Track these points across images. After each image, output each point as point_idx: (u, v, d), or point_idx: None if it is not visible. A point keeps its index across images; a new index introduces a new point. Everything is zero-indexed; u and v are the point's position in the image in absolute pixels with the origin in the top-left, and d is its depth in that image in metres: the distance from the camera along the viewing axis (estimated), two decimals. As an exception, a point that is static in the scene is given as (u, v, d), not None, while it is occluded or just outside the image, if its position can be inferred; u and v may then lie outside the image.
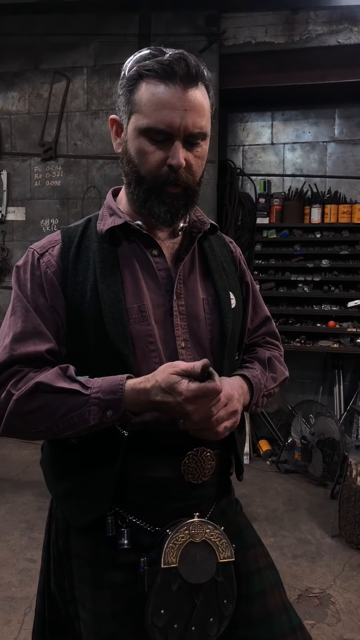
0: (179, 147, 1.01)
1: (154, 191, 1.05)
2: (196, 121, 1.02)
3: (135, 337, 1.05)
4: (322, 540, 3.07)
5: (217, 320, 1.13)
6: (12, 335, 1.06)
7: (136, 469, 1.06)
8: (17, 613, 2.40)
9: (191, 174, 1.05)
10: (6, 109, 4.70)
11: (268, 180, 4.66)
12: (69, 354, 1.10)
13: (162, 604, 1.02)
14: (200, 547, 1.06)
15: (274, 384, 1.26)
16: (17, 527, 3.15)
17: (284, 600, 1.18)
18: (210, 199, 4.33)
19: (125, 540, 1.06)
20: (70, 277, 1.09)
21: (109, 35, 4.35)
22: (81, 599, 1.11)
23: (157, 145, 1.02)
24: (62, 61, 4.54)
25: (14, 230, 4.75)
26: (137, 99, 1.02)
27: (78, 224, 1.18)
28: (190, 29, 4.24)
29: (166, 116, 0.99)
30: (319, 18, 4.16)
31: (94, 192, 4.51)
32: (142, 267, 1.10)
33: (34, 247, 1.13)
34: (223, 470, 1.18)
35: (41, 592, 1.22)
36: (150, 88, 1.00)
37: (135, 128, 1.03)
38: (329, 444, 3.85)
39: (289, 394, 4.50)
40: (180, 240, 1.16)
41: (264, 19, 4.23)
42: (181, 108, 1.00)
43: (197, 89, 1.02)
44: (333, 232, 4.34)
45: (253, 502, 3.48)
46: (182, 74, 0.99)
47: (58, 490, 1.15)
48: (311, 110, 4.64)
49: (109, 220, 1.12)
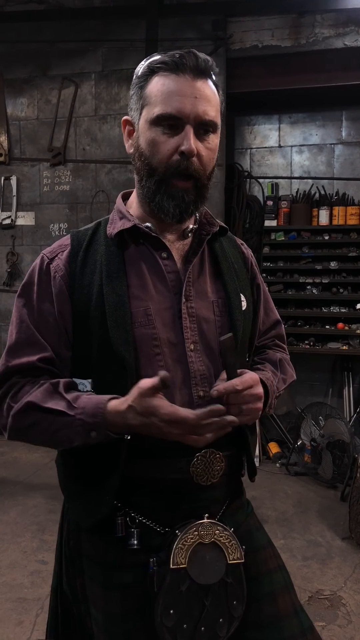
0: (190, 132, 1.02)
1: (164, 183, 1.05)
2: (207, 109, 1.02)
3: (140, 341, 1.05)
4: (333, 542, 3.06)
5: (228, 323, 1.13)
6: (7, 347, 1.11)
7: (145, 470, 1.07)
8: (29, 614, 2.43)
9: (202, 165, 1.05)
10: (15, 115, 4.75)
11: (276, 182, 4.66)
12: (74, 357, 1.11)
13: (171, 604, 1.02)
14: (210, 548, 1.06)
15: (284, 386, 1.28)
16: (29, 529, 3.18)
17: (294, 603, 1.18)
18: (218, 202, 4.34)
19: (135, 540, 1.06)
20: (77, 280, 1.10)
21: (117, 41, 4.38)
22: (92, 598, 1.12)
23: (169, 134, 1.03)
24: (70, 67, 4.58)
25: (23, 235, 4.79)
26: (148, 92, 1.05)
27: (88, 227, 1.19)
28: (197, 34, 4.27)
29: (177, 102, 1.01)
30: (325, 21, 4.17)
31: (103, 197, 4.54)
32: (150, 270, 1.11)
33: (44, 252, 1.16)
34: (233, 472, 1.17)
35: (54, 590, 1.24)
36: (161, 80, 1.03)
37: (146, 120, 1.05)
38: (338, 446, 3.84)
39: (298, 396, 4.49)
40: (190, 242, 1.16)
41: (270, 23, 4.24)
42: (192, 95, 1.01)
43: (206, 81, 1.04)
44: (341, 234, 4.34)
45: (263, 505, 3.48)
46: (192, 65, 1.02)
47: (66, 490, 1.18)
48: (318, 112, 4.64)
49: (118, 224, 1.12)
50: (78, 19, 4.48)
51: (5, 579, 2.69)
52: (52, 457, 1.23)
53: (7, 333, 1.32)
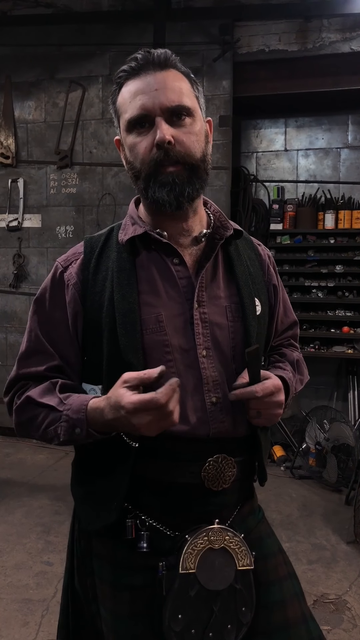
0: (161, 123, 1.03)
1: (151, 176, 1.05)
2: (170, 97, 1.03)
3: (151, 348, 1.06)
4: (338, 546, 3.07)
5: (241, 328, 1.12)
6: (19, 355, 1.17)
7: (156, 473, 1.07)
8: (35, 615, 2.44)
9: (185, 149, 1.04)
10: (23, 118, 4.77)
11: (281, 186, 4.67)
12: (86, 363, 1.13)
13: (180, 609, 1.02)
14: (219, 554, 1.06)
15: (300, 386, 1.29)
16: (34, 530, 3.19)
17: (303, 611, 1.17)
18: (224, 206, 4.35)
19: (145, 543, 1.07)
20: (90, 288, 1.11)
21: (124, 44, 4.39)
22: (101, 598, 1.13)
23: (143, 135, 1.05)
24: (77, 71, 4.60)
25: (30, 237, 4.81)
26: (118, 106, 1.09)
27: (102, 233, 1.19)
28: (204, 38, 4.28)
29: (139, 101, 1.04)
30: (332, 25, 4.18)
31: (109, 199, 4.56)
32: (162, 276, 1.10)
33: (59, 260, 1.18)
34: (245, 477, 1.17)
35: (65, 588, 1.25)
36: (126, 88, 1.07)
37: (123, 129, 1.08)
38: (343, 449, 3.84)
39: (303, 399, 4.49)
40: (203, 247, 1.14)
41: (277, 27, 4.25)
42: (152, 90, 1.04)
43: (167, 72, 1.06)
44: (347, 238, 4.34)
45: (268, 508, 3.48)
46: (148, 62, 1.05)
47: (75, 493, 1.19)
48: (324, 116, 4.65)
49: (130, 230, 1.13)
50: (86, 23, 4.50)
51: (11, 579, 2.71)
52: (58, 459, 1.24)
53: (13, 335, 1.36)
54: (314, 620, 1.18)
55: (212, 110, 4.28)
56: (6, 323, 4.90)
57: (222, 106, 4.30)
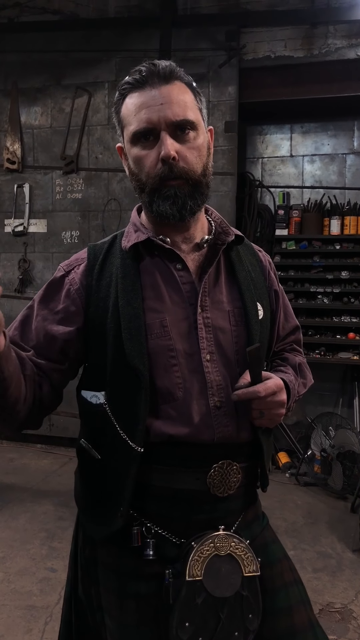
0: (166, 138, 1.04)
1: (155, 190, 1.07)
2: (175, 111, 1.04)
3: (156, 352, 1.06)
4: (343, 554, 3.04)
5: (244, 332, 1.13)
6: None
7: (162, 480, 1.07)
8: (38, 622, 2.42)
9: (188, 164, 1.06)
10: (29, 124, 4.79)
11: (287, 192, 4.67)
12: (87, 369, 1.14)
13: (187, 617, 1.02)
14: (225, 561, 1.06)
15: (304, 390, 1.29)
16: (38, 536, 3.18)
17: (310, 617, 1.17)
18: (230, 211, 4.35)
19: (151, 551, 1.07)
20: (93, 294, 1.12)
21: (130, 50, 4.42)
22: (107, 607, 1.12)
23: (148, 148, 1.06)
24: (84, 76, 4.62)
25: (35, 242, 4.83)
26: (122, 116, 1.10)
27: (105, 240, 1.21)
28: (210, 44, 4.29)
29: (144, 114, 1.04)
30: (338, 32, 4.19)
31: (115, 205, 4.57)
32: (165, 282, 1.12)
33: (62, 265, 1.18)
34: (249, 483, 1.17)
35: (68, 598, 1.24)
36: (130, 100, 1.07)
37: (128, 141, 1.09)
38: (349, 456, 3.81)
39: (308, 405, 4.47)
40: (205, 252, 1.16)
41: (283, 34, 4.26)
42: (157, 103, 1.04)
43: (171, 85, 1.06)
44: (353, 244, 4.33)
45: (272, 515, 3.46)
46: (153, 75, 1.05)
47: (79, 501, 1.19)
48: (330, 122, 4.65)
49: (133, 237, 1.14)
50: (92, 29, 4.53)
51: (15, 586, 2.69)
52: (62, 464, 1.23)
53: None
54: (320, 627, 1.18)
55: (218, 116, 4.28)
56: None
57: (227, 112, 4.30)
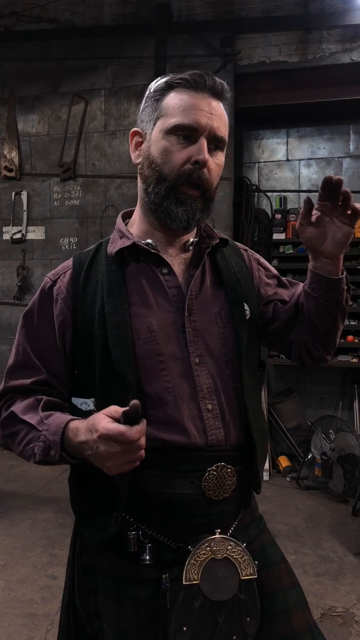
0: (205, 144, 1.06)
1: (174, 189, 1.08)
2: (220, 126, 1.08)
3: (144, 357, 1.07)
4: (345, 558, 3.03)
5: (232, 334, 1.13)
6: (7, 367, 1.18)
7: (157, 485, 1.07)
8: (39, 630, 2.41)
9: (211, 177, 1.09)
10: (26, 131, 4.82)
11: (284, 196, 4.68)
12: (77, 377, 1.14)
13: (185, 621, 1.01)
14: (222, 564, 1.05)
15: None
16: (39, 543, 3.17)
17: (308, 620, 1.16)
18: (227, 216, 4.37)
19: (148, 556, 1.06)
20: (80, 301, 1.13)
21: (126, 58, 4.45)
22: (105, 614, 1.11)
23: (183, 144, 1.07)
24: (80, 84, 4.65)
25: (34, 249, 4.84)
26: (164, 105, 1.09)
27: (90, 248, 1.22)
28: (205, 50, 4.32)
29: (194, 114, 1.06)
30: (332, 37, 4.21)
31: (112, 211, 4.58)
32: (152, 286, 1.12)
33: (48, 275, 1.20)
34: (244, 487, 1.16)
35: (65, 606, 1.23)
36: (179, 94, 1.07)
37: (161, 130, 1.08)
38: (349, 460, 3.81)
39: (308, 409, 4.47)
40: (190, 256, 1.17)
41: (277, 39, 4.30)
42: (208, 111, 1.07)
43: (220, 102, 1.09)
44: (350, 247, 4.33)
45: (273, 519, 3.45)
46: (210, 85, 1.07)
47: (75, 508, 1.18)
48: (326, 126, 4.67)
49: (118, 243, 1.15)
50: (88, 37, 4.56)
51: (16, 594, 2.68)
52: (62, 471, 1.24)
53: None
54: (319, 629, 1.18)
55: (214, 121, 4.29)
56: (10, 335, 4.91)
57: (223, 117, 4.32)
